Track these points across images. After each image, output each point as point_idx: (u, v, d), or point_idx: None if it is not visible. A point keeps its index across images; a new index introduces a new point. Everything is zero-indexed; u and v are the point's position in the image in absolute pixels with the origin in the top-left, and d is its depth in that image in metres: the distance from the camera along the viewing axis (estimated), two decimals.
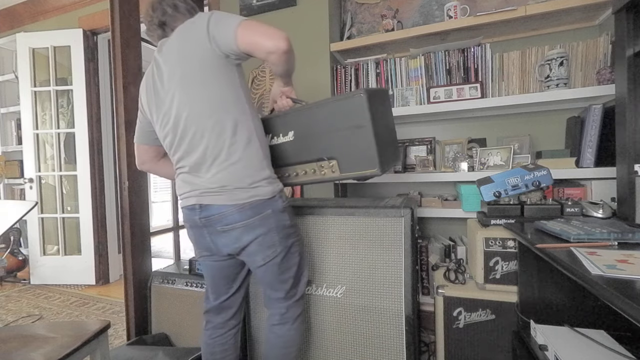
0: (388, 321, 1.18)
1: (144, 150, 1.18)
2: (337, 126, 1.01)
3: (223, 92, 0.96)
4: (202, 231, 1.03)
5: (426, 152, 1.87)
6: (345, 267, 1.24)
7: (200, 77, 0.94)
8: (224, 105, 0.96)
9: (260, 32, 0.90)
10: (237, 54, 0.93)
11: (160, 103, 1.01)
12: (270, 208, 0.98)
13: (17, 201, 2.99)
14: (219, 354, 1.15)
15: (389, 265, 1.18)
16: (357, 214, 1.22)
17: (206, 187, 0.97)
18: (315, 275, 1.29)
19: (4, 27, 3.11)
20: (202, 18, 0.95)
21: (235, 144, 0.96)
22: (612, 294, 0.57)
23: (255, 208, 0.96)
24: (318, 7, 1.88)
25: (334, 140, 1.02)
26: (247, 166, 0.96)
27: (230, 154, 0.95)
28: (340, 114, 1.00)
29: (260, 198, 0.97)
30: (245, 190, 0.95)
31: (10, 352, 0.95)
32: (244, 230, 0.97)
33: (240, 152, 0.96)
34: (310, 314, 1.29)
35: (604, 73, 1.42)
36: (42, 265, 2.87)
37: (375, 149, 0.97)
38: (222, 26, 0.91)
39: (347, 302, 1.24)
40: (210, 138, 0.95)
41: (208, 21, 0.92)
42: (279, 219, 1.00)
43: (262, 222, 0.97)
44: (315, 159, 1.07)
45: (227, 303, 1.15)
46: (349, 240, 1.24)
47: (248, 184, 0.96)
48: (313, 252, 1.29)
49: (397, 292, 1.17)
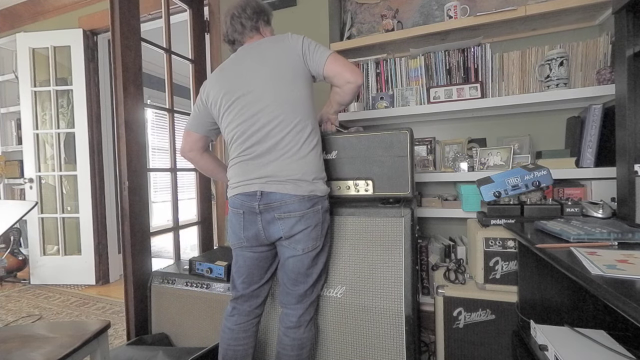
0: (388, 321, 1.18)
1: (195, 139, 1.28)
2: (378, 153, 1.21)
3: (307, 98, 1.12)
4: (256, 218, 1.09)
5: (426, 152, 1.87)
6: (345, 267, 1.25)
7: (291, 78, 1.10)
8: (307, 109, 1.11)
9: (345, 65, 1.11)
10: (318, 75, 1.15)
11: (240, 93, 1.12)
12: (321, 204, 1.10)
13: (17, 201, 2.98)
14: (242, 340, 1.20)
15: (389, 265, 1.18)
16: (357, 214, 1.23)
17: (273, 175, 1.07)
18: None
19: (4, 27, 3.11)
20: (293, 37, 1.13)
21: (309, 143, 1.09)
22: (612, 294, 0.57)
23: (312, 201, 1.07)
24: (318, 7, 1.89)
25: (373, 164, 1.22)
26: (313, 163, 1.09)
27: (303, 149, 1.08)
28: (384, 144, 1.20)
29: (317, 194, 1.09)
30: (308, 184, 1.07)
31: (10, 352, 0.95)
32: (299, 219, 1.07)
33: (310, 151, 1.09)
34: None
35: (604, 73, 1.42)
36: (42, 265, 2.87)
37: (409, 175, 1.18)
38: (316, 52, 1.11)
39: (347, 302, 1.24)
40: (290, 132, 1.07)
41: (302, 42, 1.12)
42: (325, 216, 1.12)
43: (314, 215, 1.08)
44: (354, 178, 1.24)
45: (257, 292, 1.21)
46: (349, 240, 1.24)
47: (311, 178, 1.08)
48: None
49: (397, 292, 1.17)
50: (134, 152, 1.65)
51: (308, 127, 1.10)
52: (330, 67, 1.10)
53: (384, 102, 1.76)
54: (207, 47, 2.23)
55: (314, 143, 1.11)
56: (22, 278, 2.98)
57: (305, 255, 1.10)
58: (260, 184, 1.07)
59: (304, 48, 1.11)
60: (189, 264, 1.60)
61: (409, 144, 1.17)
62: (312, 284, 1.15)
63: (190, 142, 1.28)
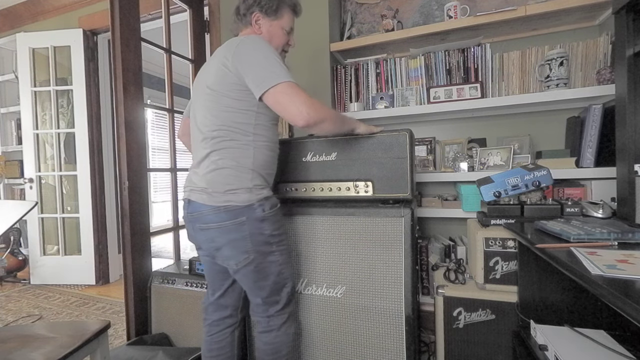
0: (388, 321, 1.18)
1: (187, 123, 1.29)
2: (378, 154, 1.20)
3: (237, 110, 1.01)
4: (189, 226, 1.10)
5: (426, 152, 1.87)
6: (345, 267, 1.25)
7: (219, 93, 1.01)
8: (233, 120, 1.01)
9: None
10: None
11: (193, 98, 1.14)
12: (245, 215, 1.00)
13: (17, 201, 2.98)
14: (215, 351, 1.17)
15: (389, 265, 1.18)
16: (357, 214, 1.22)
17: (196, 184, 1.04)
18: (315, 275, 1.29)
19: (4, 27, 3.11)
20: (238, 47, 1.00)
21: (227, 154, 1.01)
22: (612, 294, 0.57)
23: (230, 213, 0.99)
24: (318, 7, 1.88)
25: (372, 166, 1.20)
26: (229, 175, 1.00)
27: (218, 161, 1.01)
28: (384, 145, 1.19)
29: (235, 204, 0.99)
30: (221, 194, 1.00)
31: (10, 352, 0.95)
32: (219, 232, 1.01)
33: (226, 161, 1.01)
34: (311, 314, 1.29)
35: (604, 73, 1.42)
36: (42, 265, 2.87)
37: (409, 177, 1.17)
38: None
39: (347, 302, 1.24)
40: (211, 143, 1.02)
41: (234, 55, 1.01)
42: (255, 226, 1.01)
43: (236, 228, 1.00)
44: (354, 179, 1.23)
45: (223, 300, 1.18)
46: (349, 241, 1.24)
47: (224, 190, 1.00)
48: (313, 252, 1.29)
49: (397, 292, 1.17)
50: (134, 152, 1.65)
51: (228, 137, 1.01)
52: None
53: (383, 102, 1.76)
54: (207, 47, 2.23)
55: (237, 153, 1.01)
56: (22, 278, 2.98)
57: (244, 269, 1.03)
58: (188, 192, 1.07)
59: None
60: (189, 264, 1.60)
61: (409, 146, 1.17)
62: (269, 294, 1.08)
63: (183, 126, 1.31)
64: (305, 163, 1.29)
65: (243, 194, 1.00)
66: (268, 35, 1.12)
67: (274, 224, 1.05)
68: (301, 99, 0.92)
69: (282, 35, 1.15)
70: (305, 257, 1.30)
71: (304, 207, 1.30)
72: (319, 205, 1.29)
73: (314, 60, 1.90)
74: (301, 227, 1.30)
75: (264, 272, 1.05)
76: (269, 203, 1.05)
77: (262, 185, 1.05)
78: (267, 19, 1.11)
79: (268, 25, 1.12)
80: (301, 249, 1.30)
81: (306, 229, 1.30)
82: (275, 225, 1.06)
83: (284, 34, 1.15)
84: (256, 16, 1.11)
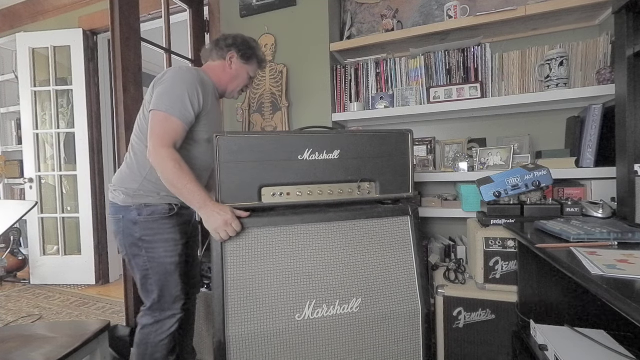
0: (405, 324, 1.10)
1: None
2: (380, 154, 1.17)
3: (144, 124, 1.17)
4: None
5: (426, 152, 1.87)
6: (359, 276, 1.10)
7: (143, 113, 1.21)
8: (140, 134, 1.19)
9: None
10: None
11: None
12: (122, 214, 1.16)
13: (17, 201, 2.98)
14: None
15: (402, 265, 1.13)
16: (362, 217, 1.14)
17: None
18: (325, 293, 1.07)
19: (4, 27, 3.11)
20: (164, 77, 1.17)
21: (128, 162, 1.20)
22: (612, 294, 0.57)
23: (112, 208, 1.19)
24: (318, 7, 1.88)
25: (375, 166, 1.17)
26: (121, 179, 1.19)
27: (123, 163, 1.22)
28: (387, 144, 1.17)
29: (114, 202, 1.18)
30: (110, 192, 1.21)
31: (10, 352, 0.95)
32: (109, 220, 1.22)
33: (125, 165, 1.21)
34: (320, 341, 1.06)
35: (604, 73, 1.42)
36: (42, 265, 2.87)
37: (410, 177, 1.18)
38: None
39: (364, 315, 1.09)
40: (129, 148, 1.22)
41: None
42: (127, 227, 1.15)
43: (115, 222, 1.18)
44: (358, 180, 1.17)
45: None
46: (359, 247, 1.12)
47: (112, 189, 1.20)
48: (318, 266, 1.09)
49: (412, 292, 1.12)
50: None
51: (133, 149, 1.20)
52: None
53: (383, 102, 1.76)
54: None
55: (134, 161, 1.18)
56: (22, 278, 2.98)
57: (126, 258, 1.21)
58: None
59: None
60: None
61: (411, 145, 1.17)
62: (140, 289, 1.21)
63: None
64: (301, 162, 1.10)
65: (124, 195, 1.16)
66: (236, 73, 1.31)
67: (146, 230, 1.15)
68: (161, 136, 1.05)
69: (246, 78, 1.35)
70: (310, 275, 1.08)
71: (300, 215, 1.09)
72: (319, 211, 1.12)
73: (314, 60, 1.90)
74: (301, 240, 1.09)
75: (134, 270, 1.20)
76: (148, 209, 1.15)
77: (150, 191, 1.17)
78: (240, 61, 1.30)
79: (238, 66, 1.31)
80: (303, 267, 1.08)
81: (307, 241, 1.10)
82: (148, 232, 1.15)
83: (248, 77, 1.36)
84: (232, 55, 1.29)
